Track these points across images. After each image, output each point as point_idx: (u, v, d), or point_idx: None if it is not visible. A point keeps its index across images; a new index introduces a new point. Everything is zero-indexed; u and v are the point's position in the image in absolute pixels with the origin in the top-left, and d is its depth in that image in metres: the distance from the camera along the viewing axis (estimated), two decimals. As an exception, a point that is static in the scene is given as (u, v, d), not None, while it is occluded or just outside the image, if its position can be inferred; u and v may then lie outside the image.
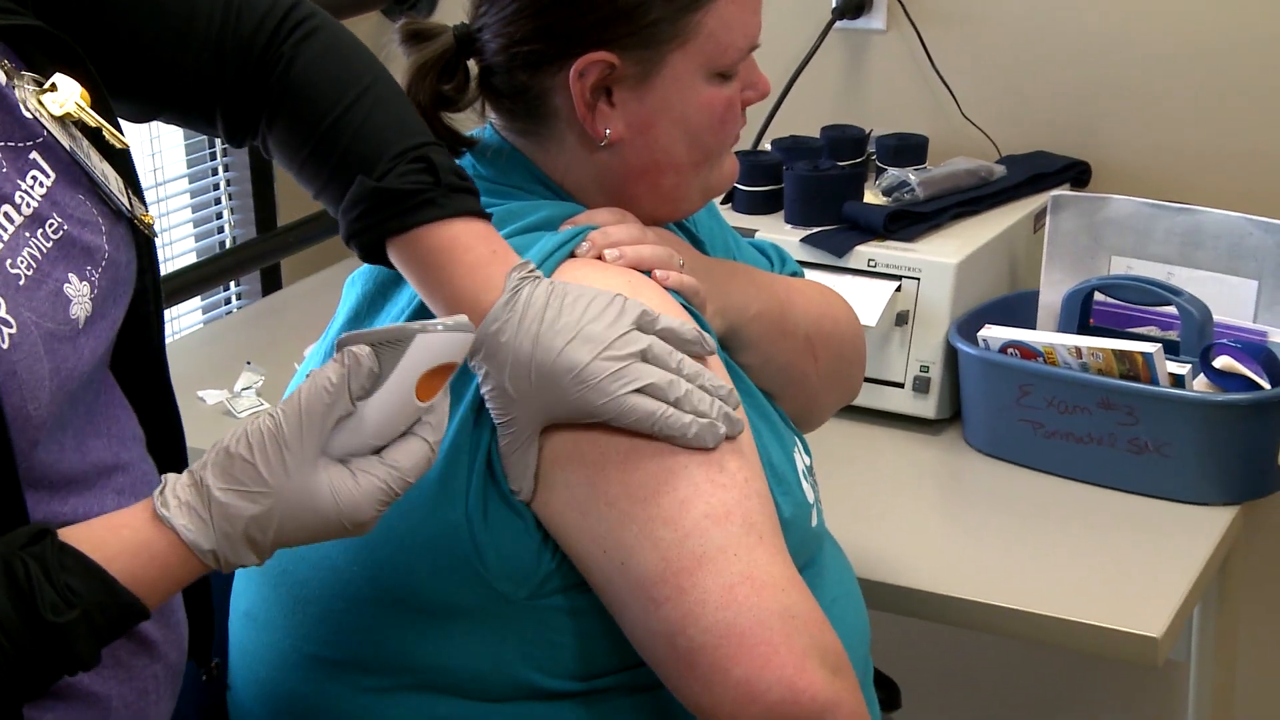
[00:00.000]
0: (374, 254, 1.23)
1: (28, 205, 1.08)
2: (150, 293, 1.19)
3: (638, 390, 1.16)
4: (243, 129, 1.27)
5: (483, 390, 1.19)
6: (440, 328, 1.06)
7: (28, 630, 0.98)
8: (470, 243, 1.20)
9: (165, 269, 2.48)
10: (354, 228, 1.21)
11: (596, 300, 1.19)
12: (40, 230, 1.08)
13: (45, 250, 1.08)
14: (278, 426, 1.04)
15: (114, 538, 1.03)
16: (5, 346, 1.03)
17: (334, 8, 1.38)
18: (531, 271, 1.20)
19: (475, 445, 1.22)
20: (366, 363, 1.05)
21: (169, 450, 1.23)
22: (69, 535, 1.02)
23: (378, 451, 1.07)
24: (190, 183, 2.62)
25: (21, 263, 1.06)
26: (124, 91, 1.23)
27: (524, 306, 1.17)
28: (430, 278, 1.20)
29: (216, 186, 2.65)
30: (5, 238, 1.06)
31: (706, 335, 1.22)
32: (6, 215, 1.07)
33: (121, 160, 1.16)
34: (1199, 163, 2.25)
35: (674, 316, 1.24)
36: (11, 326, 1.03)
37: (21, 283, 1.06)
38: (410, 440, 1.08)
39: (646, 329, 1.19)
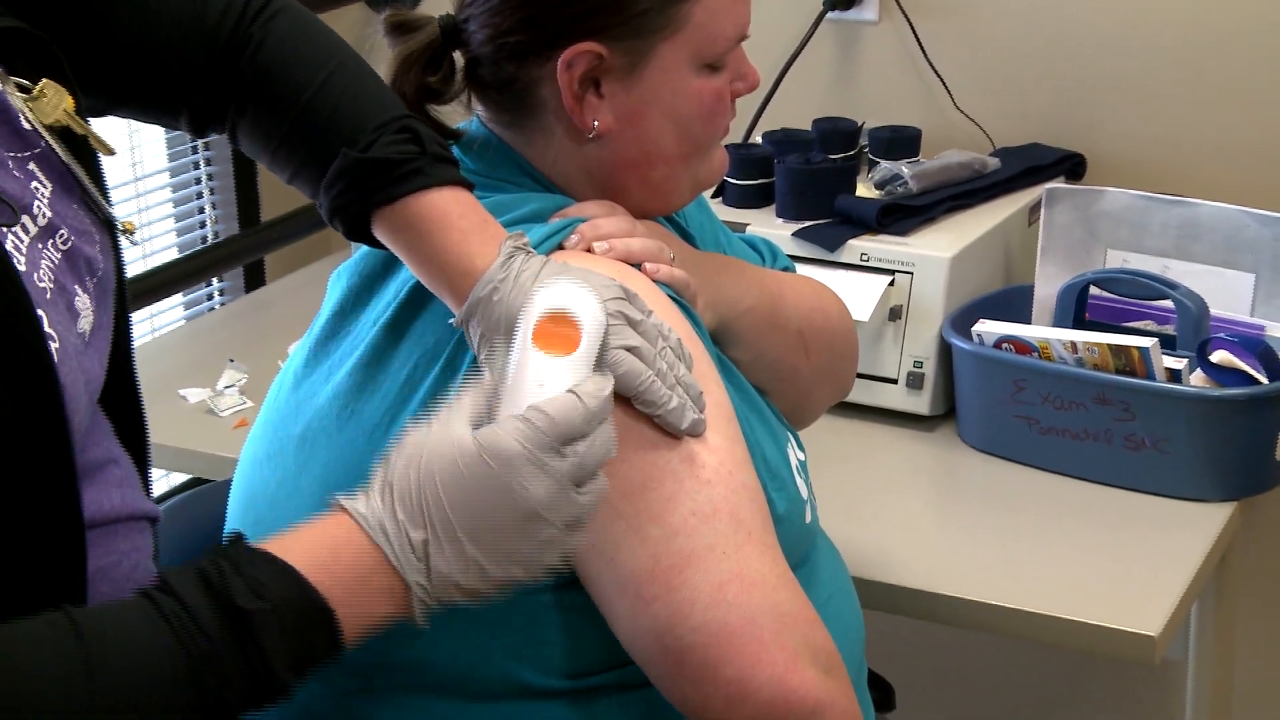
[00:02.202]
0: (358, 229, 1.23)
1: (43, 216, 1.08)
2: (118, 291, 1.19)
3: (625, 349, 1.16)
4: (211, 117, 1.26)
5: (479, 357, 1.20)
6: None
7: (221, 619, 0.97)
8: (462, 210, 1.20)
9: (146, 265, 2.48)
10: (338, 202, 1.21)
11: (591, 277, 1.19)
12: (51, 241, 1.08)
13: (56, 262, 1.08)
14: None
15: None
16: (56, 360, 1.03)
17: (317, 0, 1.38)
18: (525, 243, 1.21)
19: None
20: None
21: (135, 447, 1.23)
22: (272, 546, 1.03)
23: None
24: (171, 177, 2.61)
25: (45, 276, 1.06)
26: (85, 87, 1.22)
27: (518, 269, 1.18)
28: (422, 246, 1.20)
29: (198, 181, 2.65)
30: (25, 250, 1.06)
31: (687, 352, 1.22)
32: (24, 227, 1.06)
33: (91, 163, 1.16)
34: (1195, 155, 2.25)
35: (663, 311, 1.24)
36: (55, 340, 1.04)
37: (48, 296, 1.06)
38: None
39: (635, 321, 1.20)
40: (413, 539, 1.03)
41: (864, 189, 2.14)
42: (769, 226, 2.08)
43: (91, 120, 1.18)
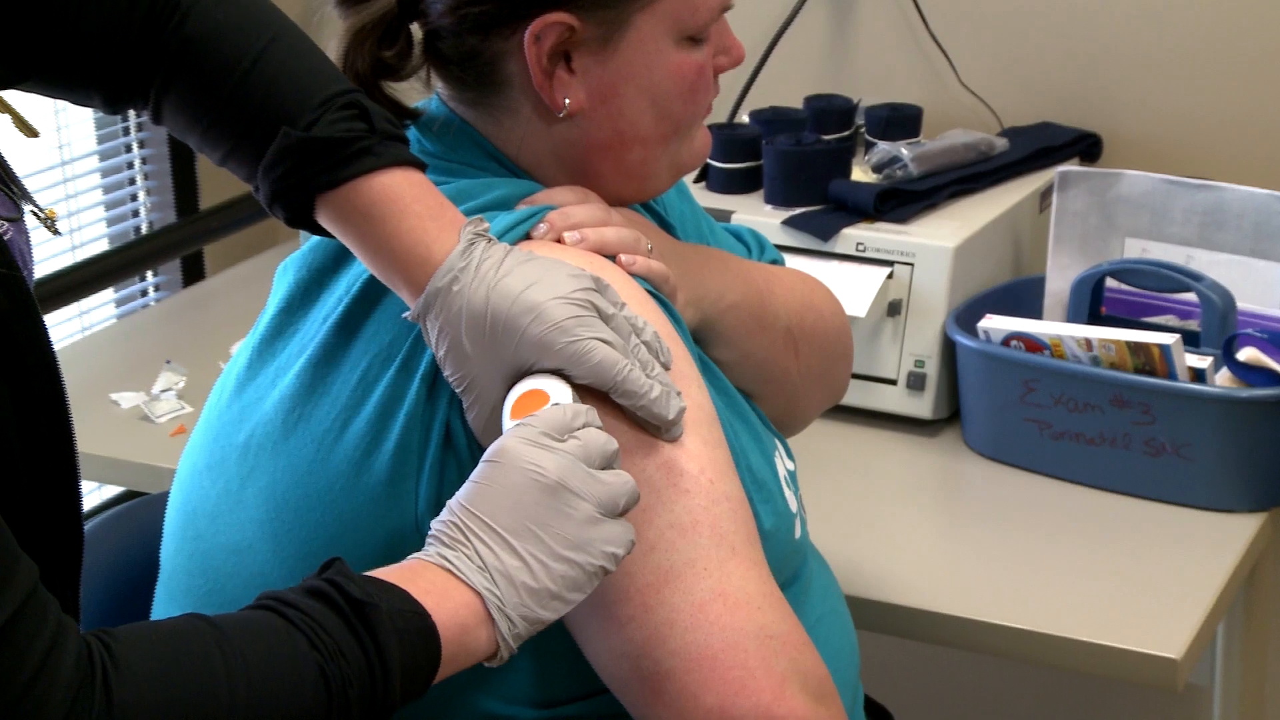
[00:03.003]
0: (301, 216, 1.23)
1: None
2: None
3: (598, 341, 1.17)
4: (129, 93, 1.26)
5: (437, 354, 1.20)
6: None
7: (341, 617, 1.05)
8: (416, 193, 1.21)
9: (74, 258, 2.49)
10: (280, 186, 1.21)
11: (559, 265, 1.20)
12: None
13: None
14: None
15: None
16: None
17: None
18: (485, 229, 1.21)
19: (428, 425, 1.23)
20: None
21: None
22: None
23: None
24: (101, 160, 2.62)
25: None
26: None
27: (480, 258, 1.19)
28: (374, 233, 1.21)
29: (130, 165, 2.65)
30: None
31: (665, 346, 1.23)
32: None
33: None
34: (1222, 134, 2.26)
35: (640, 306, 1.25)
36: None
37: None
38: None
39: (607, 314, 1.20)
40: (466, 552, 1.10)
41: (860, 173, 2.15)
42: (756, 214, 2.08)
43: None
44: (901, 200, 2.07)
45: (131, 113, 2.58)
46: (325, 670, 1.03)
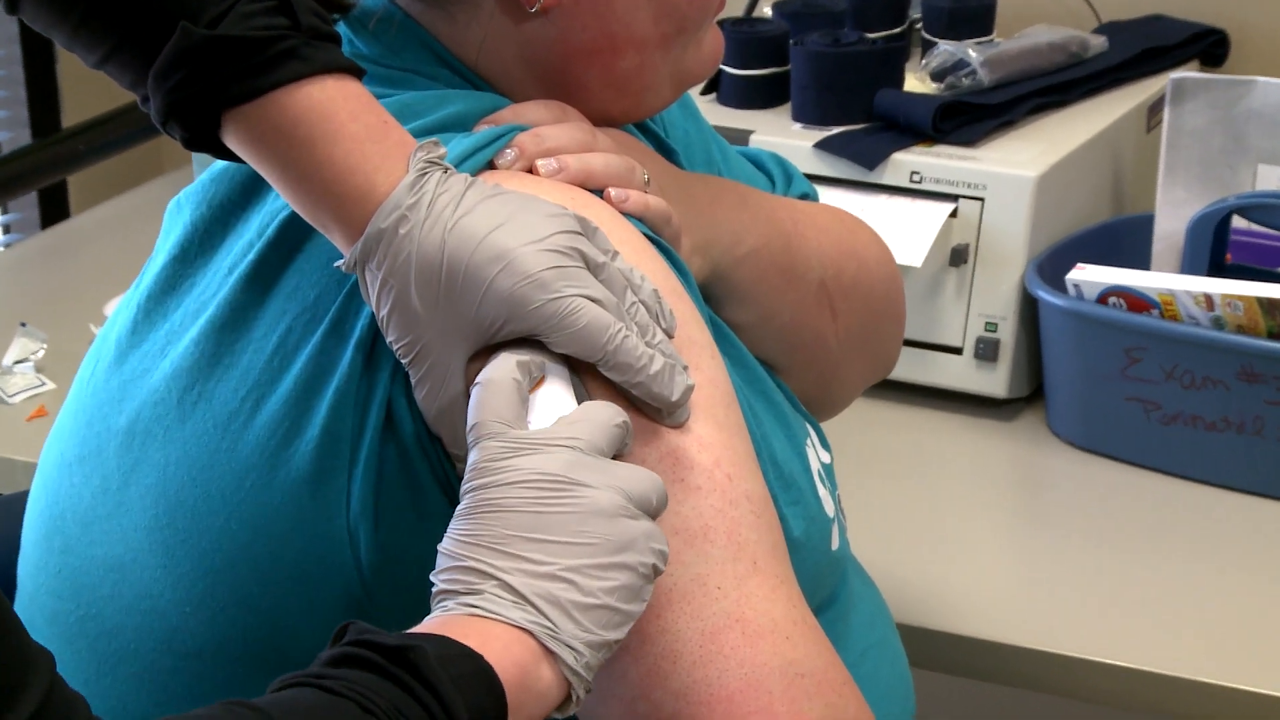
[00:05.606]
0: (204, 136, 1.23)
1: None
2: None
3: (585, 298, 1.18)
4: None
5: (378, 314, 1.21)
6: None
7: (384, 676, 1.05)
8: (353, 109, 1.21)
9: (-99, 189, 2.50)
10: (176, 97, 1.21)
11: (534, 202, 1.21)
12: None
13: None
14: None
15: None
16: None
17: None
18: (441, 156, 1.22)
19: (365, 405, 1.24)
20: None
21: None
22: None
23: None
24: (-66, 64, 2.63)
25: None
26: None
27: (435, 192, 1.19)
28: (298, 159, 1.21)
29: (-29, 69, 2.66)
30: None
31: (668, 306, 1.23)
32: None
33: None
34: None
35: (635, 255, 1.26)
36: None
37: None
38: None
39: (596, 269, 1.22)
40: (491, 590, 1.11)
41: (916, 81, 2.16)
42: (782, 135, 2.10)
43: None
44: (969, 117, 2.08)
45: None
46: None
